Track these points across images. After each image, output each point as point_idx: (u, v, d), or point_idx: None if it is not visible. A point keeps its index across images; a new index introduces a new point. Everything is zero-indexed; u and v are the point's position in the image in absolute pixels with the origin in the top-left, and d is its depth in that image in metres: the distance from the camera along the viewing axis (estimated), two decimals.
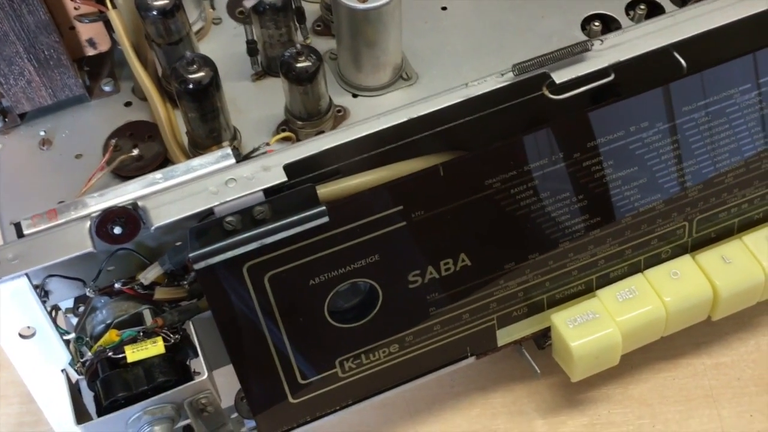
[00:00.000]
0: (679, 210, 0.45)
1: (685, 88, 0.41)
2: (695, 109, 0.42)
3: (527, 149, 0.40)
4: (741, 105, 0.43)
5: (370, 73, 0.49)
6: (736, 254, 0.47)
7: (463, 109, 0.42)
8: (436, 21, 0.53)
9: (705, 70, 0.42)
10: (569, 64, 0.40)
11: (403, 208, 0.39)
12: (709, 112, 0.43)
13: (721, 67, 0.42)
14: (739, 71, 0.42)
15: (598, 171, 0.42)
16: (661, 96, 0.41)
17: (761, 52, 0.42)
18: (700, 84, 0.42)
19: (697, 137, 0.43)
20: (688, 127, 0.43)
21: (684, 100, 0.42)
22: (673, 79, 0.41)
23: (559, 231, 0.43)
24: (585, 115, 0.41)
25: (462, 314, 0.44)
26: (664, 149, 0.43)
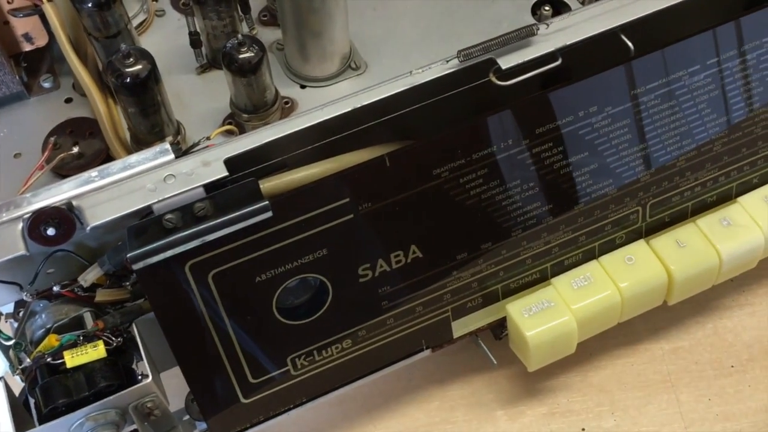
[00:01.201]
0: (631, 195, 0.45)
1: (632, 71, 0.41)
2: (644, 93, 0.42)
3: (475, 137, 0.40)
4: (690, 87, 0.43)
5: (318, 63, 0.48)
6: (690, 238, 0.47)
7: (412, 97, 0.41)
8: (385, 8, 0.52)
9: (652, 52, 0.41)
10: (515, 50, 0.40)
11: (349, 200, 0.38)
12: (658, 95, 0.42)
13: (669, 49, 0.41)
14: (687, 53, 0.42)
15: (548, 157, 0.42)
16: (608, 80, 0.41)
17: (707, 33, 0.42)
18: (647, 66, 0.41)
19: (647, 121, 0.43)
20: (638, 110, 0.42)
21: (632, 84, 0.41)
22: (620, 62, 0.41)
23: (511, 219, 0.43)
24: (533, 101, 0.40)
25: (415, 307, 0.43)
26: (614, 134, 0.42)
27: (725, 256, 0.46)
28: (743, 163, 0.47)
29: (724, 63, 0.43)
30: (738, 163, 0.47)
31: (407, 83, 0.39)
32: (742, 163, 0.47)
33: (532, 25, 0.39)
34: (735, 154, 0.46)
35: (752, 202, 0.48)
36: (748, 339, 0.51)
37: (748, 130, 0.46)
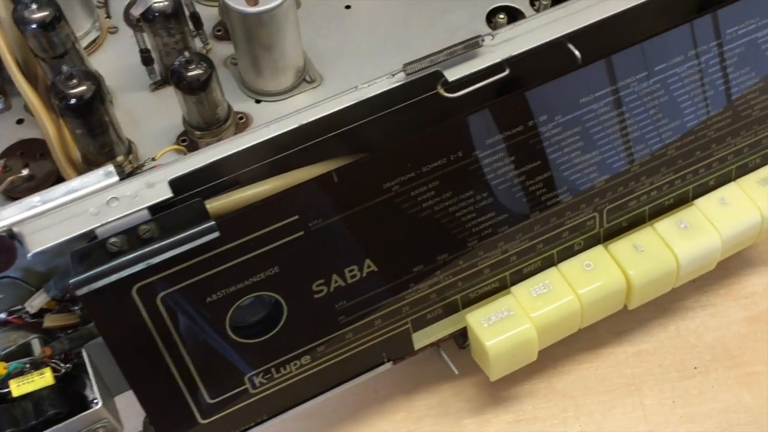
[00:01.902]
0: (587, 201, 0.45)
1: (580, 79, 0.41)
2: (593, 100, 0.42)
3: (423, 150, 0.39)
4: (640, 93, 0.43)
5: (271, 77, 0.47)
6: (648, 242, 0.47)
7: (363, 110, 0.41)
8: (340, 20, 0.52)
9: (599, 60, 0.41)
10: (462, 61, 0.39)
11: (298, 217, 0.38)
12: (607, 102, 0.42)
13: (616, 56, 0.41)
14: (635, 59, 0.42)
15: (500, 167, 0.42)
16: (557, 89, 0.41)
17: (655, 39, 0.42)
18: (595, 74, 0.41)
19: (598, 128, 0.43)
20: (588, 118, 0.42)
21: (581, 92, 0.41)
22: (568, 70, 0.41)
23: (466, 230, 0.43)
24: (482, 112, 0.40)
25: (374, 320, 0.43)
26: (565, 142, 0.42)
27: (683, 260, 0.46)
28: (698, 166, 0.47)
29: (673, 68, 0.43)
30: (693, 166, 0.47)
31: (353, 98, 0.39)
32: (696, 166, 0.47)
33: (478, 37, 0.39)
34: (689, 157, 0.46)
35: (708, 205, 0.48)
36: (710, 340, 0.51)
37: (701, 133, 0.46)
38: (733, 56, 0.44)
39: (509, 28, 0.40)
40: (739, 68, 0.45)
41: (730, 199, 0.48)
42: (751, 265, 0.54)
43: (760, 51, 0.45)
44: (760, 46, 0.45)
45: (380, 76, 0.39)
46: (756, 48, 0.44)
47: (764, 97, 0.46)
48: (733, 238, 0.48)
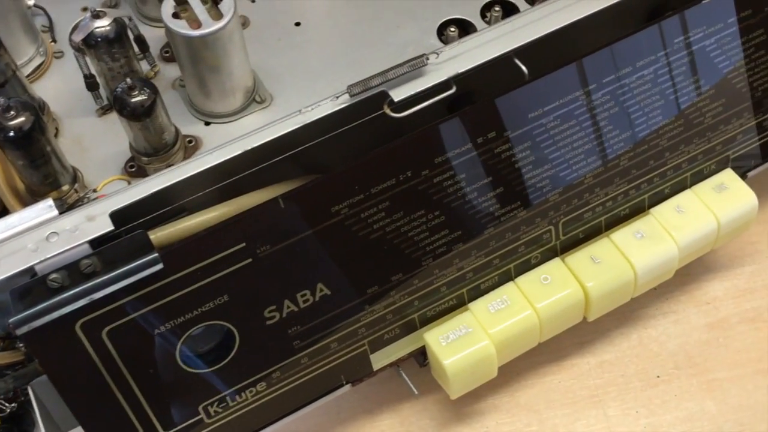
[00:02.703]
0: (542, 215, 0.45)
1: (528, 94, 0.41)
2: (542, 115, 0.41)
3: (371, 171, 0.39)
4: (589, 106, 0.43)
5: (219, 99, 0.47)
6: (605, 253, 0.47)
7: (313, 132, 0.41)
8: (290, 37, 0.51)
9: (547, 74, 0.41)
10: (408, 81, 0.39)
11: (245, 245, 0.37)
12: (556, 116, 0.42)
13: (563, 70, 0.41)
14: (583, 72, 0.42)
15: (450, 185, 0.41)
16: (505, 104, 0.40)
17: (602, 51, 0.42)
18: (543, 89, 0.41)
19: (548, 142, 0.43)
20: (538, 133, 0.42)
21: (529, 107, 0.41)
22: (515, 86, 0.41)
23: (419, 249, 0.42)
24: (429, 131, 0.40)
25: (329, 344, 0.43)
26: (516, 157, 0.42)
27: (640, 270, 0.46)
28: (652, 175, 0.47)
29: (622, 79, 0.43)
30: (647, 175, 0.47)
31: (297, 122, 0.38)
32: (651, 175, 0.47)
33: (422, 55, 0.39)
34: (643, 167, 0.46)
35: (665, 213, 0.48)
36: (672, 348, 0.51)
37: (653, 142, 0.46)
38: (682, 65, 0.44)
39: (454, 46, 0.40)
40: (689, 77, 0.45)
41: (686, 206, 0.48)
42: (711, 271, 0.54)
43: (708, 59, 0.45)
44: (708, 54, 0.44)
45: (324, 99, 0.39)
46: (705, 56, 0.44)
47: (716, 104, 0.46)
48: (690, 245, 0.47)
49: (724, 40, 0.45)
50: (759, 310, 0.52)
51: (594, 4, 0.43)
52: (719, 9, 0.44)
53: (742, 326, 0.51)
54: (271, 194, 0.40)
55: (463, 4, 0.52)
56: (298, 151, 0.41)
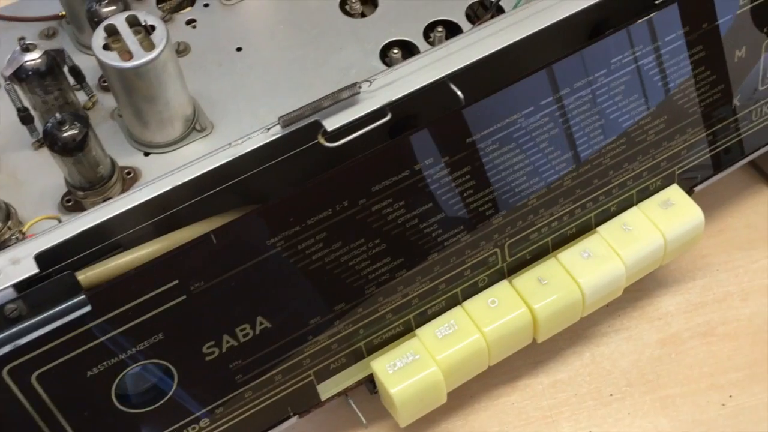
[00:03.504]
0: (487, 238, 0.44)
1: (465, 118, 0.40)
2: (480, 139, 0.41)
3: (306, 202, 0.38)
4: (528, 128, 0.42)
5: (157, 129, 0.46)
6: (552, 274, 0.46)
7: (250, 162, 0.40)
8: (232, 63, 0.50)
9: (483, 98, 0.40)
10: (341, 110, 0.38)
11: (178, 282, 0.37)
12: (495, 139, 0.42)
13: (500, 94, 0.41)
14: (520, 94, 0.41)
15: (389, 213, 0.41)
16: (442, 129, 0.40)
17: (539, 74, 0.42)
18: (480, 113, 0.41)
19: (488, 166, 0.42)
20: (477, 157, 0.42)
21: (466, 132, 0.41)
22: (452, 111, 0.40)
23: (362, 278, 0.42)
24: (364, 159, 0.39)
25: (274, 376, 0.42)
26: (455, 182, 0.42)
27: (587, 290, 0.46)
28: (598, 193, 0.47)
29: (560, 101, 0.43)
30: (592, 194, 0.47)
31: (229, 155, 0.38)
32: (596, 194, 0.47)
33: (355, 84, 0.38)
34: (587, 186, 0.46)
35: (611, 231, 0.48)
36: (625, 365, 0.51)
37: (596, 162, 0.46)
38: (620, 84, 0.44)
39: (388, 73, 0.40)
40: (628, 96, 0.45)
41: (633, 224, 0.48)
42: (663, 285, 0.54)
43: (647, 77, 0.45)
44: (647, 73, 0.44)
45: (255, 131, 0.38)
46: (643, 75, 0.44)
47: (657, 121, 0.46)
48: (637, 263, 0.47)
49: (663, 57, 0.45)
50: (710, 324, 0.52)
51: (531, 26, 0.42)
52: (658, 27, 0.44)
53: (694, 341, 0.51)
54: (208, 227, 0.39)
55: (405, 26, 0.51)
56: (236, 182, 0.40)
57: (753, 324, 0.52)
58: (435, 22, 0.51)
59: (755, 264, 0.54)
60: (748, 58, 0.48)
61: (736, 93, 0.48)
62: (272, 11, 0.52)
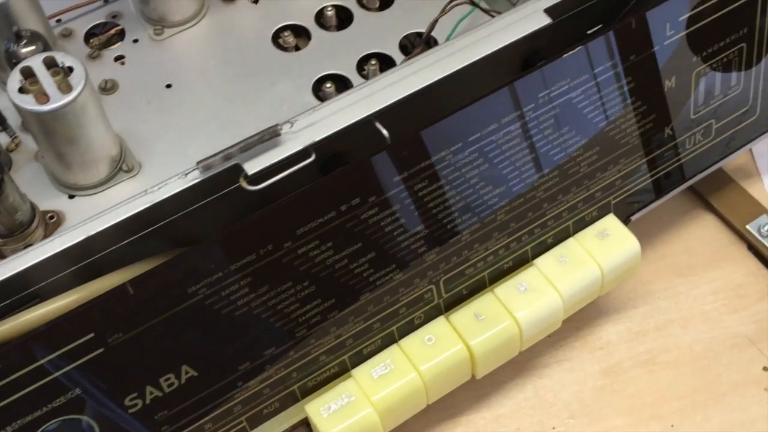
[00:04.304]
0: (421, 275, 0.44)
1: (391, 158, 0.40)
2: (408, 177, 0.41)
3: (227, 248, 0.37)
4: (457, 165, 0.42)
5: (81, 171, 0.45)
6: (488, 309, 0.46)
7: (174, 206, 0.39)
8: (161, 100, 0.49)
9: (410, 136, 0.40)
10: (262, 152, 0.38)
11: (94, 335, 0.35)
12: (423, 177, 0.41)
13: (427, 131, 0.40)
14: (447, 131, 0.41)
15: (316, 255, 0.40)
16: (366, 170, 0.39)
17: (466, 110, 0.41)
18: (406, 152, 0.40)
19: (418, 204, 0.42)
20: (406, 195, 0.41)
21: (393, 171, 0.40)
22: (378, 150, 0.40)
23: (291, 321, 0.41)
24: (289, 202, 0.38)
25: (203, 425, 0.40)
26: (384, 222, 0.41)
27: (524, 325, 0.45)
28: (533, 226, 0.46)
29: (489, 136, 0.42)
30: (527, 227, 0.46)
31: (145, 202, 0.37)
32: (531, 227, 0.46)
33: (276, 126, 0.38)
34: (522, 219, 0.46)
35: (548, 264, 0.47)
36: (567, 396, 0.50)
37: (529, 195, 0.45)
38: (550, 118, 0.44)
39: (310, 113, 0.39)
40: (558, 129, 0.44)
41: (569, 255, 0.48)
42: (604, 314, 0.54)
43: (576, 110, 0.44)
44: (576, 106, 0.44)
45: (173, 177, 0.37)
46: (572, 107, 0.44)
47: (590, 153, 0.46)
48: (575, 296, 0.47)
49: (593, 89, 0.45)
50: (652, 352, 0.52)
51: (459, 61, 0.42)
52: (587, 59, 0.44)
53: (635, 370, 0.51)
54: (130, 274, 0.38)
55: (338, 59, 0.51)
56: (158, 227, 0.39)
57: (693, 351, 0.52)
58: (368, 54, 0.51)
59: (695, 290, 0.54)
60: (679, 88, 0.48)
61: (669, 122, 0.48)
62: (203, 46, 0.52)
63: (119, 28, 0.53)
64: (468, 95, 0.44)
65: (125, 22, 0.53)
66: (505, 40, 0.42)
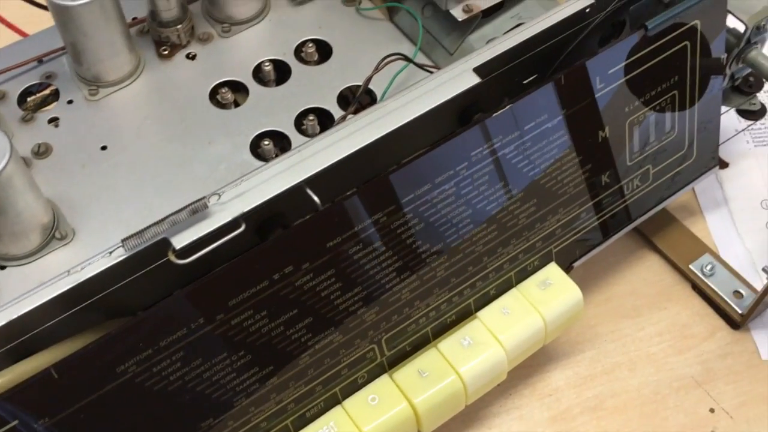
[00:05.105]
0: (361, 336, 0.43)
1: (322, 223, 0.39)
2: (341, 242, 0.40)
3: (156, 325, 0.37)
4: (390, 227, 0.42)
5: (11, 242, 0.44)
6: (432, 365, 0.46)
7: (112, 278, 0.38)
8: (96, 164, 0.48)
9: (340, 202, 0.40)
10: (190, 225, 0.37)
11: (18, 422, 0.35)
12: (357, 240, 0.41)
13: (356, 196, 0.40)
14: (378, 194, 0.41)
15: (251, 325, 0.39)
16: (298, 236, 0.39)
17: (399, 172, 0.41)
18: (338, 216, 0.40)
19: (353, 266, 0.41)
20: (340, 260, 0.41)
21: (325, 236, 0.40)
22: (309, 216, 0.39)
23: (228, 391, 0.40)
24: (218, 275, 0.38)
25: None
26: (320, 287, 0.41)
27: (468, 379, 0.45)
28: (474, 279, 0.46)
29: (422, 197, 0.42)
30: (468, 281, 0.46)
31: (68, 283, 0.36)
32: (472, 280, 0.46)
33: (203, 198, 0.37)
34: (462, 273, 0.46)
35: (491, 316, 0.47)
36: None
37: (468, 250, 0.45)
38: (484, 174, 0.44)
39: (238, 183, 0.39)
40: (494, 184, 0.44)
41: (512, 307, 0.48)
42: (552, 359, 0.54)
43: (510, 165, 0.45)
44: (510, 161, 0.44)
45: (96, 255, 0.37)
46: (506, 163, 0.44)
47: (527, 204, 0.46)
48: (518, 347, 0.47)
49: (524, 144, 0.45)
50: (600, 397, 0.52)
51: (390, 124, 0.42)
52: (516, 117, 0.44)
53: (584, 416, 0.51)
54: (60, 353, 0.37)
55: (277, 115, 0.50)
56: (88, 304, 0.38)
57: (641, 395, 0.52)
58: (307, 110, 0.51)
59: (641, 332, 0.54)
60: (614, 137, 0.48)
61: (605, 171, 0.49)
62: (139, 105, 0.51)
63: (54, 88, 0.52)
64: (404, 154, 0.45)
65: (60, 83, 0.52)
66: (437, 100, 0.42)
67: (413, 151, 0.45)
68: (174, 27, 0.52)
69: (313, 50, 0.53)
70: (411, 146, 0.45)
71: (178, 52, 0.53)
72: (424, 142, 0.46)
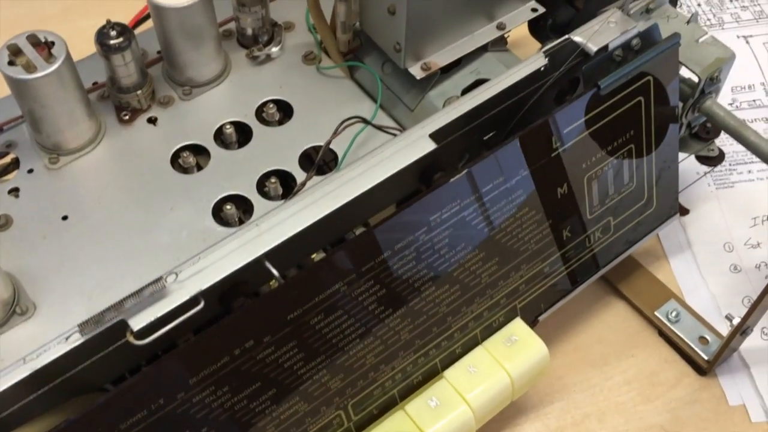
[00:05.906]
0: (326, 403, 0.43)
1: (282, 296, 0.39)
2: (302, 314, 0.40)
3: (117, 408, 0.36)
4: (351, 294, 0.42)
5: None
6: (399, 427, 0.45)
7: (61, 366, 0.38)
8: (57, 234, 0.48)
9: (300, 275, 0.40)
10: (148, 306, 0.37)
11: None
12: (319, 310, 0.41)
13: (319, 265, 0.40)
14: (338, 265, 0.41)
15: (213, 401, 0.39)
16: (258, 311, 0.39)
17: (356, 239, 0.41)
18: (297, 289, 0.40)
19: (314, 337, 0.41)
20: (301, 331, 0.41)
21: (285, 309, 0.40)
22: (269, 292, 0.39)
23: None
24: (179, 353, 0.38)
25: None
26: (282, 359, 0.40)
27: None
28: (439, 340, 0.47)
29: (383, 264, 0.42)
30: (433, 342, 0.46)
31: (25, 371, 0.36)
32: (437, 341, 0.47)
33: (159, 279, 0.37)
34: (426, 335, 0.46)
35: (457, 375, 0.47)
36: None
37: (431, 312, 0.45)
38: (444, 238, 0.44)
39: (195, 261, 0.39)
40: (454, 247, 0.45)
41: (478, 365, 0.48)
42: (522, 412, 0.54)
43: (470, 226, 0.45)
44: (469, 223, 0.45)
45: (51, 340, 0.36)
46: (465, 225, 0.45)
47: (489, 264, 0.47)
48: (485, 406, 0.47)
49: (482, 207, 0.45)
50: None
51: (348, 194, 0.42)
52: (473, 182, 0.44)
53: None
54: None
55: (239, 178, 0.50)
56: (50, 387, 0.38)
57: None
58: (269, 172, 0.51)
59: (609, 381, 0.55)
60: (573, 193, 0.49)
61: (566, 226, 0.49)
62: (100, 173, 0.51)
63: (14, 157, 0.52)
64: (364, 216, 0.45)
65: (20, 151, 0.52)
66: (394, 168, 0.43)
67: (374, 212, 0.46)
68: (134, 92, 0.52)
69: (275, 111, 0.54)
70: (371, 209, 0.45)
71: (139, 116, 0.53)
72: (386, 203, 0.46)
